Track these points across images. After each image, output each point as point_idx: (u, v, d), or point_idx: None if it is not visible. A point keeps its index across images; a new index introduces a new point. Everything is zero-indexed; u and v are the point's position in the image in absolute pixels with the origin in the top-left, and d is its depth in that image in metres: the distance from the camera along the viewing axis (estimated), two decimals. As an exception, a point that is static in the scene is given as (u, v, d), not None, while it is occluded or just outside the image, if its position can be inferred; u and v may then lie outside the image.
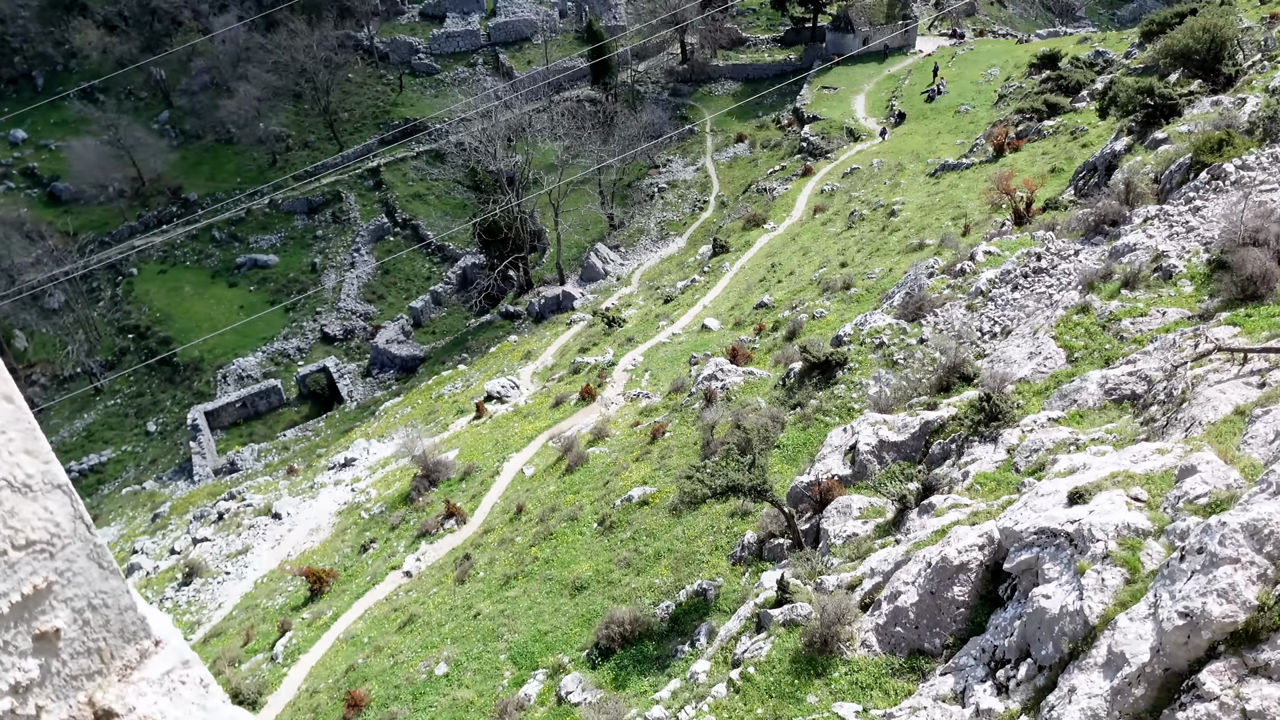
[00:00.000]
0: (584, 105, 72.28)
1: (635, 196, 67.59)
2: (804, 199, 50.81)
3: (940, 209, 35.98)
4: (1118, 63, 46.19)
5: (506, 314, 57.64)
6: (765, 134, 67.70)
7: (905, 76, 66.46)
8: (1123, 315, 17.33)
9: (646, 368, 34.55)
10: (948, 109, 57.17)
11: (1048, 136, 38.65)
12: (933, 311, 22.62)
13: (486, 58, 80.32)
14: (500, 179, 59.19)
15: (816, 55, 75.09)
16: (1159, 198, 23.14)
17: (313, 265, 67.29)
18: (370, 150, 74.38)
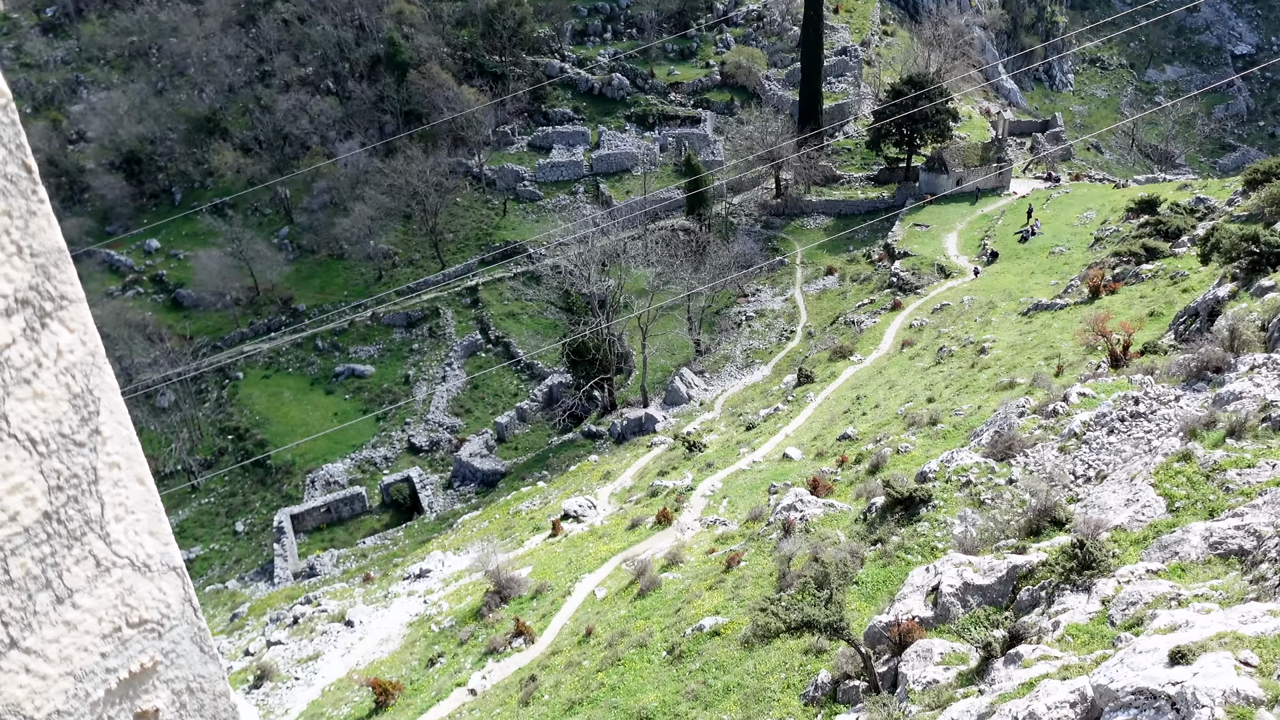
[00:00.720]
0: (678, 234, 74.28)
1: (722, 324, 68.32)
2: (892, 333, 50.53)
3: (1032, 348, 35.29)
4: (1219, 209, 45.42)
5: (589, 433, 58.08)
6: (855, 268, 68.14)
7: (998, 217, 66.52)
8: (1228, 465, 16.49)
9: (725, 494, 34.13)
10: (1041, 250, 56.75)
11: (1146, 280, 37.88)
12: (1023, 452, 21.93)
13: (588, 186, 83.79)
14: (592, 301, 60.77)
15: (909, 194, 76.00)
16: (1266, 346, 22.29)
17: (406, 377, 69.48)
18: (470, 270, 77.53)
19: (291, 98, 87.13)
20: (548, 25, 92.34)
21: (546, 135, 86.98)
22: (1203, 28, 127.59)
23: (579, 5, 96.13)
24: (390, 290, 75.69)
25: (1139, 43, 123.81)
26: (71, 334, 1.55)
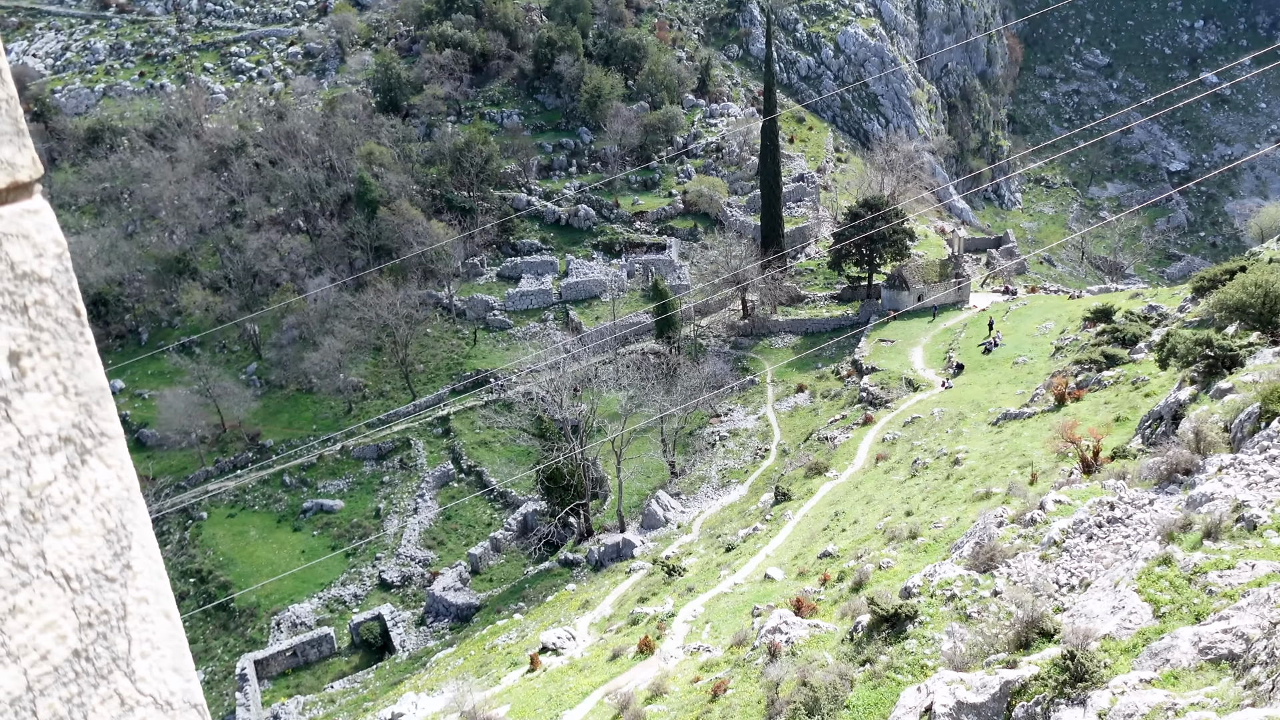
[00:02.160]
0: (648, 357, 75.00)
1: (697, 445, 68.26)
2: (865, 447, 50.71)
3: (1005, 457, 35.52)
4: (1172, 316, 46.82)
5: (565, 561, 56.90)
6: (825, 384, 68.88)
7: (961, 330, 68.01)
8: (1209, 567, 16.45)
9: (707, 619, 33.34)
10: (1005, 360, 57.87)
11: (1108, 386, 38.61)
12: (1005, 562, 21.76)
13: (557, 314, 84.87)
14: (565, 427, 60.62)
15: (873, 311, 77.73)
16: (1231, 447, 22.61)
17: (377, 510, 68.20)
18: (441, 399, 77.38)
19: (262, 236, 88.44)
20: (514, 161, 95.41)
21: (515, 265, 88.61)
22: (1138, 148, 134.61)
23: (544, 142, 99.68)
24: (360, 423, 75.13)
25: (1079, 163, 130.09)
26: (109, 470, 1.59)
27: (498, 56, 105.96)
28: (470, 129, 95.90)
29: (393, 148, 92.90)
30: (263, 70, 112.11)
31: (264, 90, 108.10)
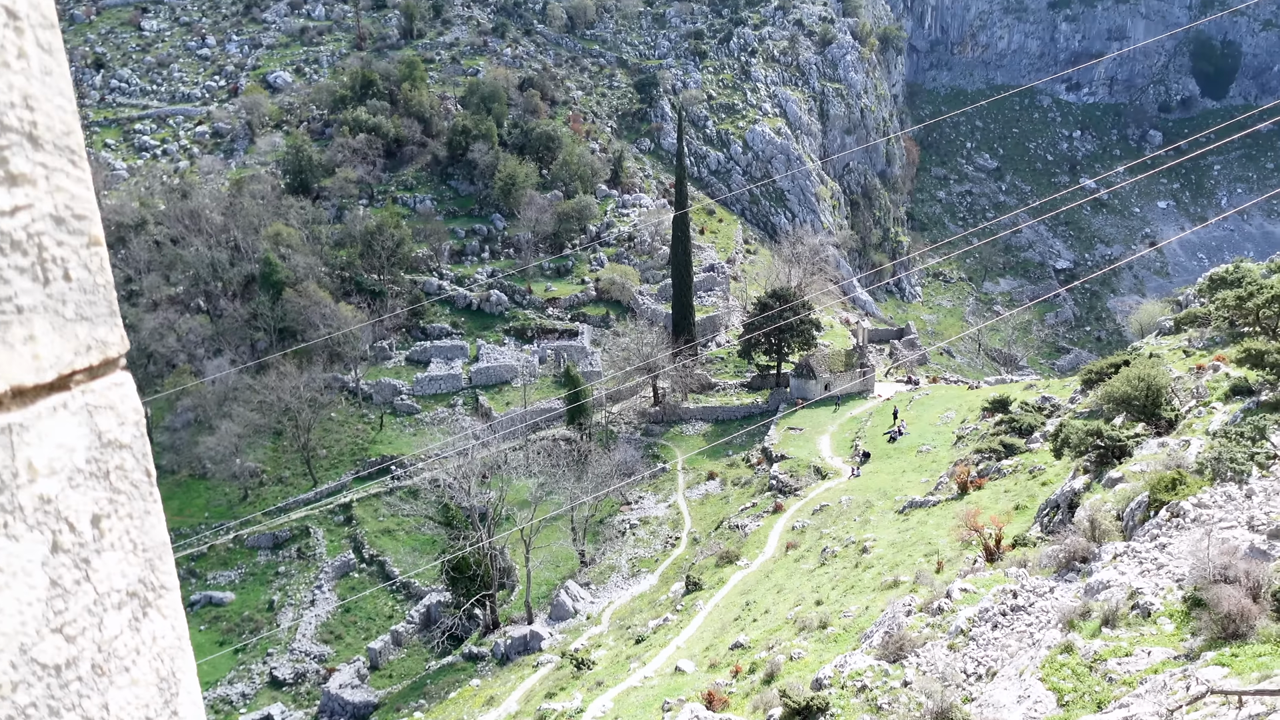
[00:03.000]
0: (559, 444, 74.30)
1: (607, 533, 67.38)
2: (776, 535, 50.82)
3: (911, 545, 36.00)
4: (1064, 407, 48.84)
5: (470, 655, 54.80)
6: (735, 472, 69.22)
7: (867, 419, 69.58)
8: (1108, 655, 16.74)
9: (616, 714, 32.32)
10: (910, 449, 59.25)
11: (1008, 475, 39.79)
12: (914, 651, 21.78)
13: (467, 399, 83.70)
14: (472, 515, 59.16)
15: (782, 399, 79.03)
16: (1124, 534, 23.39)
17: (270, 603, 64.83)
18: (344, 486, 74.83)
19: (159, 316, 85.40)
20: (426, 246, 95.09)
21: (425, 350, 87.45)
22: (1026, 246, 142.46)
23: (457, 227, 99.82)
24: (256, 510, 71.90)
25: (974, 259, 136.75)
26: (165, 620, 1.69)
27: (412, 142, 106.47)
28: (382, 213, 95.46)
29: (301, 229, 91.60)
30: (168, 148, 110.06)
31: (168, 168, 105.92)
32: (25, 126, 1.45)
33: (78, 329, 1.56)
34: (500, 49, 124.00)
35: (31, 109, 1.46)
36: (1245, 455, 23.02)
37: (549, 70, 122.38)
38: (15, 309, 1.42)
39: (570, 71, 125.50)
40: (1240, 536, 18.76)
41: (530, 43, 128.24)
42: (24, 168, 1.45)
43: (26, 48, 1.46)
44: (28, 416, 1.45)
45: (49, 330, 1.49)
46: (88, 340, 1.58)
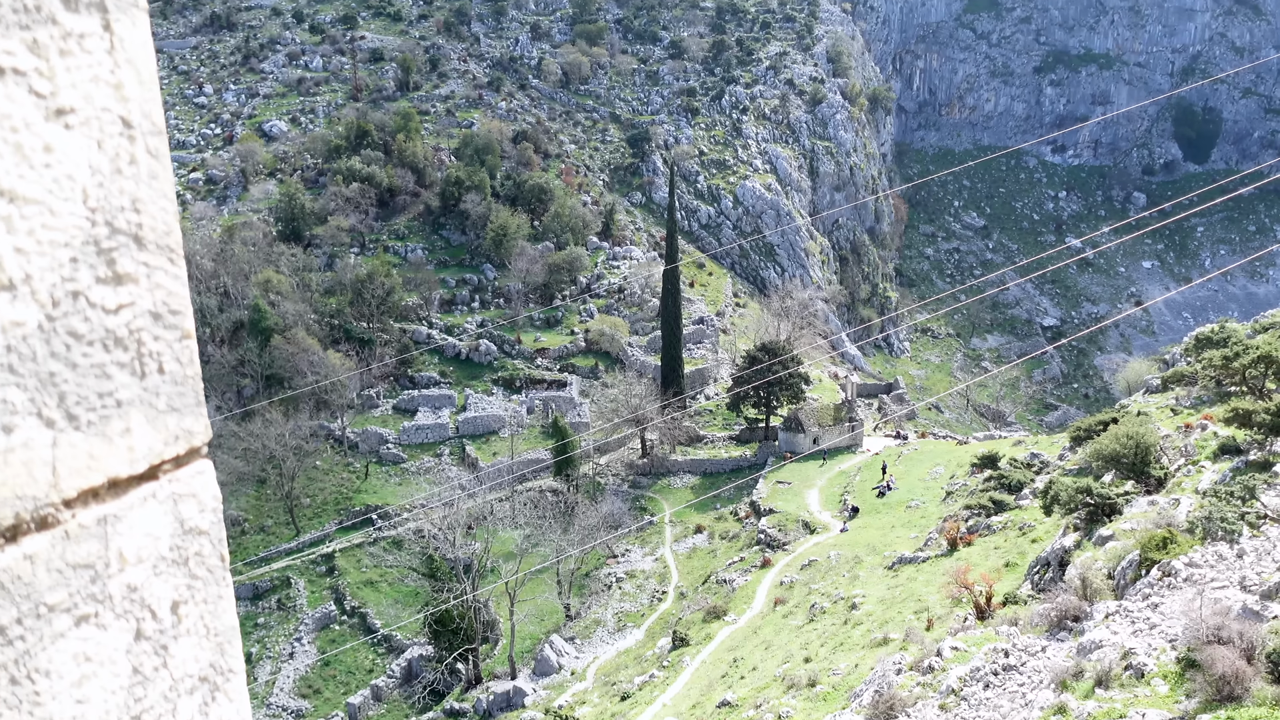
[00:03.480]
0: (546, 495, 73.63)
1: (593, 586, 66.47)
2: (764, 590, 50.20)
3: (901, 602, 35.56)
4: (1053, 464, 48.74)
5: (451, 711, 53.58)
6: (723, 525, 68.63)
7: (855, 473, 69.30)
8: (1101, 717, 16.42)
9: (600, 776, 31.53)
10: (899, 504, 58.92)
11: (997, 531, 39.51)
12: (904, 711, 21.34)
13: (453, 449, 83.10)
14: (457, 567, 58.30)
15: (770, 452, 78.74)
16: (1116, 593, 23.13)
17: (249, 655, 63.42)
18: (327, 536, 73.81)
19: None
20: (416, 294, 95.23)
21: (413, 399, 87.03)
22: (1014, 303, 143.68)
23: (447, 277, 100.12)
24: (237, 560, 70.71)
25: (962, 315, 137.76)
26: (232, 704, 1.73)
27: (405, 192, 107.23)
28: (373, 261, 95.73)
29: (292, 276, 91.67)
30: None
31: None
32: (132, 228, 1.53)
33: (168, 420, 1.61)
34: (495, 102, 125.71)
35: (139, 211, 1.54)
36: (1236, 515, 22.91)
37: (543, 124, 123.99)
38: (115, 403, 1.49)
39: (564, 125, 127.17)
40: (1233, 597, 18.57)
41: (525, 97, 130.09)
42: (129, 268, 1.52)
43: (138, 154, 1.54)
44: (121, 507, 1.51)
45: (143, 422, 1.55)
46: (176, 430, 1.63)
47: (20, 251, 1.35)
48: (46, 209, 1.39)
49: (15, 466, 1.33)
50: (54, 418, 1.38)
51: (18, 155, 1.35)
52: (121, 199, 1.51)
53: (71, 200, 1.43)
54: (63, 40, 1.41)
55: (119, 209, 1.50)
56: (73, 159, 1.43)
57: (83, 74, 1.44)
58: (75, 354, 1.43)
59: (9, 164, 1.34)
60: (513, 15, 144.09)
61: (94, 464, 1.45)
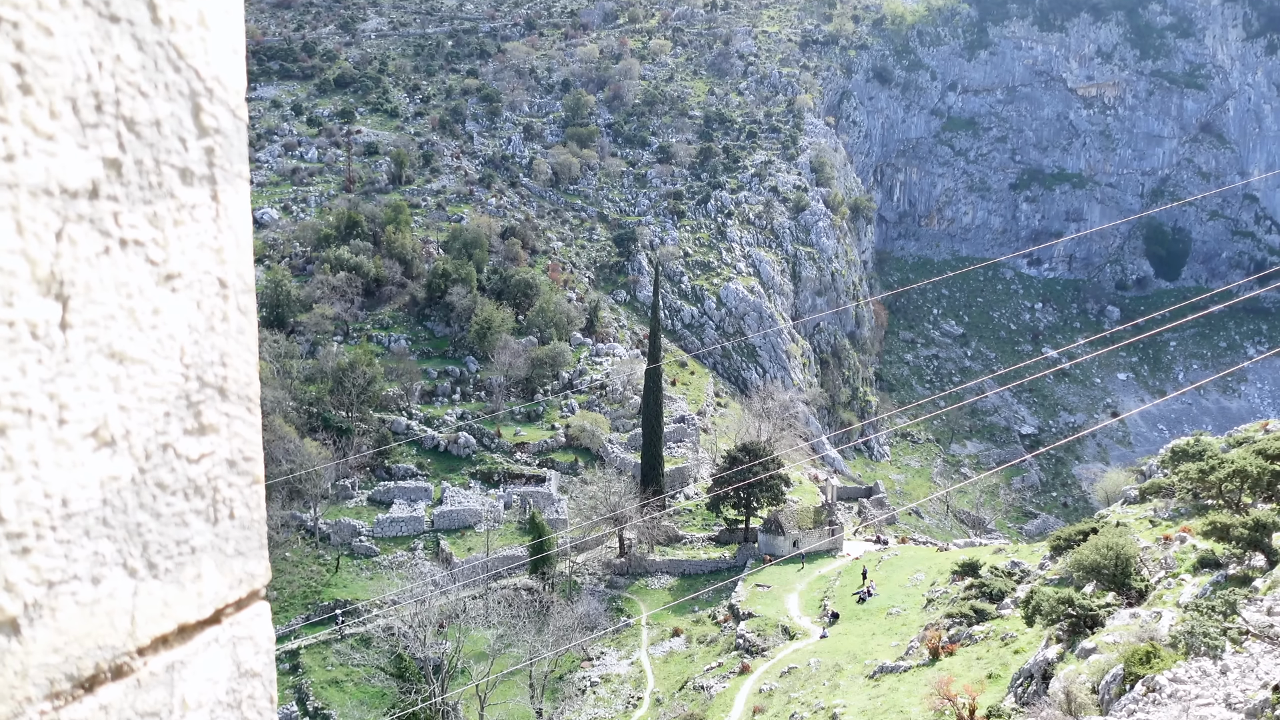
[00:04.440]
0: (521, 593, 72.09)
1: (566, 690, 64.52)
2: (743, 699, 48.88)
3: (883, 713, 34.70)
4: (1034, 573, 48.39)
5: (412, 823, 51.14)
6: (701, 629, 67.23)
7: (835, 578, 68.44)
8: (1091, 841, 15.94)
9: None
10: (879, 610, 58.05)
11: (979, 641, 38.91)
12: (886, 831, 20.63)
13: (428, 543, 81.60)
14: (426, 667, 56.55)
15: (750, 554, 77.80)
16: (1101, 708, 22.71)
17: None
18: (293, 631, 71.61)
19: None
20: (398, 385, 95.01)
21: (388, 490, 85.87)
22: (992, 410, 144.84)
23: (430, 368, 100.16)
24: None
25: (941, 421, 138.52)
26: None
27: (392, 283, 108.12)
28: (356, 350, 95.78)
29: (273, 363, 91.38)
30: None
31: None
32: (219, 381, 1.59)
33: (234, 564, 1.65)
34: (485, 198, 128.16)
35: (225, 365, 1.61)
36: (1218, 630, 22.72)
37: (531, 220, 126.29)
38: (190, 549, 1.53)
39: (552, 223, 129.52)
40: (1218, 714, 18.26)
41: (515, 194, 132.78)
42: (213, 418, 1.58)
43: (229, 312, 1.62)
44: (187, 653, 1.53)
45: (213, 568, 1.59)
46: (241, 574, 1.67)
47: (123, 409, 1.41)
48: (149, 368, 1.45)
49: (100, 617, 1.36)
50: (137, 567, 1.42)
51: (130, 319, 1.42)
52: (212, 354, 1.58)
53: (170, 358, 1.49)
54: (177, 212, 1.50)
55: (209, 363, 1.57)
56: (175, 320, 1.50)
57: (190, 241, 1.53)
58: (160, 504, 1.47)
59: (122, 328, 1.40)
60: (506, 116, 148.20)
61: (167, 611, 1.48)
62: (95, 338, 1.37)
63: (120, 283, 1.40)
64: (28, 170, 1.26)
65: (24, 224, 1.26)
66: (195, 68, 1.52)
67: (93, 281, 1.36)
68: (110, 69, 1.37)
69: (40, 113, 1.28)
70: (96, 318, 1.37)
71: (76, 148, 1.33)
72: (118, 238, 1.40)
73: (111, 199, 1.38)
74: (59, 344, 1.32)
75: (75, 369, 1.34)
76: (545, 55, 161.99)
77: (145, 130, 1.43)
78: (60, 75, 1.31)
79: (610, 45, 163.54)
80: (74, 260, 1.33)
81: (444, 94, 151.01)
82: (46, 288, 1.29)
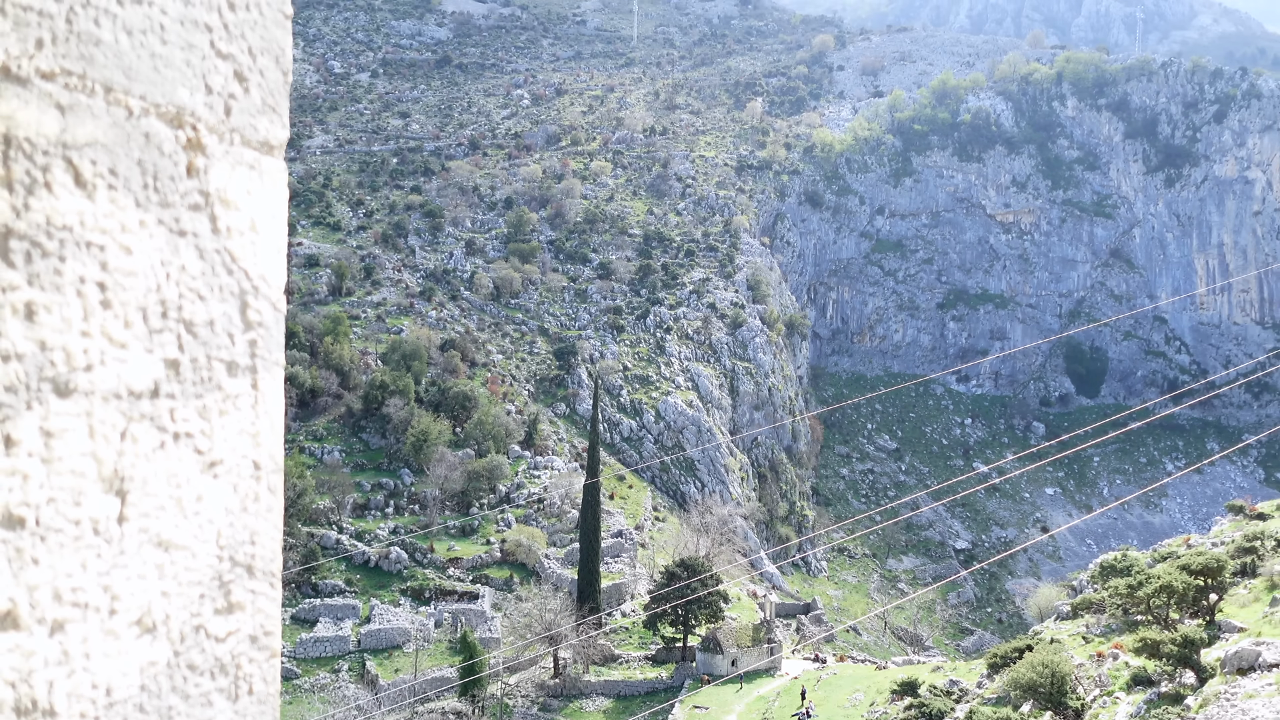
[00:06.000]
0: (449, 718, 69.06)
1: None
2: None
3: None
4: (972, 691, 48.12)
5: None
6: (637, 755, 64.86)
7: (774, 698, 67.06)
8: None
9: None
10: (819, 733, 56.78)
11: (920, 765, 38.21)
12: None
13: (353, 664, 78.15)
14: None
15: (687, 674, 76.00)
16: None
17: None
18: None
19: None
20: (329, 497, 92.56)
21: (314, 608, 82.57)
22: (926, 525, 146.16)
23: (363, 480, 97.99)
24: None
25: (877, 536, 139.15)
26: None
27: (328, 394, 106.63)
28: (288, 462, 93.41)
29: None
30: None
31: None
32: (248, 559, 1.64)
33: None
34: (426, 311, 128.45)
35: (254, 543, 1.66)
36: (1152, 748, 22.80)
37: (471, 333, 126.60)
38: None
39: (492, 336, 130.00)
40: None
41: (456, 307, 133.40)
42: (241, 597, 1.62)
43: (261, 492, 1.68)
44: None
45: None
46: None
47: (165, 595, 1.44)
48: (190, 553, 1.50)
49: None
50: None
51: (178, 508, 1.47)
52: (244, 534, 1.63)
53: (208, 542, 1.54)
54: (223, 402, 1.56)
55: (241, 543, 1.62)
56: (214, 504, 1.55)
57: (232, 429, 1.59)
58: (190, 685, 1.49)
59: (170, 517, 1.46)
60: (449, 231, 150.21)
61: None
62: (147, 529, 1.42)
63: (171, 474, 1.47)
64: (103, 378, 1.34)
65: (95, 428, 1.33)
66: (245, 269, 1.62)
67: (149, 475, 1.43)
68: (176, 278, 1.47)
69: (117, 324, 1.37)
70: (149, 509, 1.43)
71: (144, 352, 1.41)
72: (172, 432, 1.46)
73: (169, 396, 1.46)
74: (116, 538, 1.37)
75: (128, 560, 1.39)
76: (489, 174, 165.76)
77: (201, 330, 1.51)
78: (135, 289, 1.40)
79: (553, 166, 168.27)
80: (134, 457, 1.40)
81: (387, 209, 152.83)
82: (109, 485, 1.36)
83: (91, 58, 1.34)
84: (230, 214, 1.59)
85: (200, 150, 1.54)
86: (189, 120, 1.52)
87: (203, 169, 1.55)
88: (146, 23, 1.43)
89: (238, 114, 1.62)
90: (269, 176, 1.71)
